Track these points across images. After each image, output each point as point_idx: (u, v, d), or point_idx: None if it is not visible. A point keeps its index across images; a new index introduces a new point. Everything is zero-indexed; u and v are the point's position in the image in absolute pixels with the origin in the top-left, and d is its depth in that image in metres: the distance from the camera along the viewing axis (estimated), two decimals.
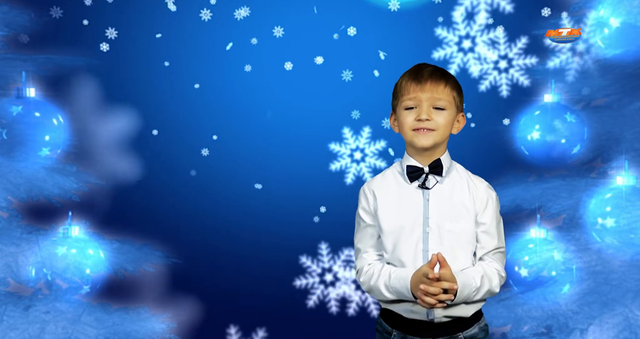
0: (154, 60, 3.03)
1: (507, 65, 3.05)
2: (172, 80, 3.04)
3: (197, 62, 3.03)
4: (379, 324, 1.96)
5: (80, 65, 2.99)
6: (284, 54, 3.03)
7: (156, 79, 3.03)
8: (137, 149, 3.05)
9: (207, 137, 3.05)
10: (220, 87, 3.04)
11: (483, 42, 3.04)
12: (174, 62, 3.04)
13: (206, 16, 3.01)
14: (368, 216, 1.91)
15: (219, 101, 3.05)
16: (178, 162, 3.07)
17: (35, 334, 2.97)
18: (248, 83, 3.05)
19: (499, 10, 3.03)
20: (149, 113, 3.04)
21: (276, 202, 3.07)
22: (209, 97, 3.05)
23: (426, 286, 1.70)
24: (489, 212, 1.88)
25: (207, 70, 3.04)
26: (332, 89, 3.04)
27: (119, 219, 3.06)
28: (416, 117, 1.82)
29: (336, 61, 3.04)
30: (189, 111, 3.05)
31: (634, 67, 3.04)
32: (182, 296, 3.09)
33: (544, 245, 3.10)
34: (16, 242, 2.99)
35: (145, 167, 3.06)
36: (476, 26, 3.03)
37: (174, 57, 3.03)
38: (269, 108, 3.05)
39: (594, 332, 3.06)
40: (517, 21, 3.03)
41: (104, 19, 2.99)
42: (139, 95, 3.03)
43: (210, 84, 3.04)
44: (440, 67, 1.90)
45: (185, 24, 3.01)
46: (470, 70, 3.05)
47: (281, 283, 3.09)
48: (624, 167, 3.07)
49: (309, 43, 3.03)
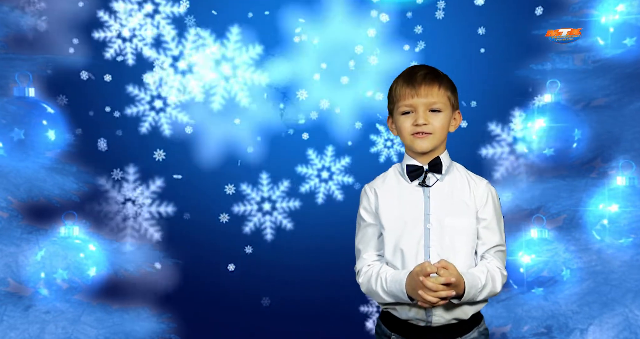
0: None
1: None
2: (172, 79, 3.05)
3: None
4: (378, 327, 1.96)
5: (80, 65, 2.99)
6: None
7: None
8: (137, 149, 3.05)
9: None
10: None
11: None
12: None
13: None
14: (369, 215, 1.92)
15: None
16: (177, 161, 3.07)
17: (35, 334, 2.97)
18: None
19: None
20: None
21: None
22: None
23: (424, 279, 1.69)
24: (489, 208, 1.88)
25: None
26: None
27: (119, 219, 3.06)
28: (413, 122, 1.84)
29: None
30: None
31: (634, 67, 3.04)
32: (182, 296, 3.09)
33: (544, 245, 3.10)
34: (16, 242, 2.99)
35: (145, 168, 3.06)
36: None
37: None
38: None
39: (594, 332, 3.05)
40: (517, 21, 3.04)
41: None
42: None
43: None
44: (432, 68, 1.90)
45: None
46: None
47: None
48: (624, 167, 3.07)
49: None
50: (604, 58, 3.06)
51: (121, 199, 3.06)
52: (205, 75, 3.03)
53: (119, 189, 3.05)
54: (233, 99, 3.05)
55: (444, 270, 1.70)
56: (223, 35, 3.03)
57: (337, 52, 3.06)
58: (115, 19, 2.99)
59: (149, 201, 3.05)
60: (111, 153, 3.04)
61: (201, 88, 3.04)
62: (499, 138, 3.09)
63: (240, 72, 3.05)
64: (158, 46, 3.01)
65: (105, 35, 2.99)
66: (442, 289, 1.70)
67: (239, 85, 3.05)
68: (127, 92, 3.02)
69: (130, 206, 3.06)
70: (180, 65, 3.03)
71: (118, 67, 3.01)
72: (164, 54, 3.01)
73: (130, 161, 3.05)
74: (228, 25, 3.02)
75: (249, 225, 3.09)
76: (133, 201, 3.05)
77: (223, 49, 3.03)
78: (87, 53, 3.00)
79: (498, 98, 3.07)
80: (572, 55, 3.08)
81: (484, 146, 3.08)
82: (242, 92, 3.04)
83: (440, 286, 1.70)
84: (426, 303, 1.72)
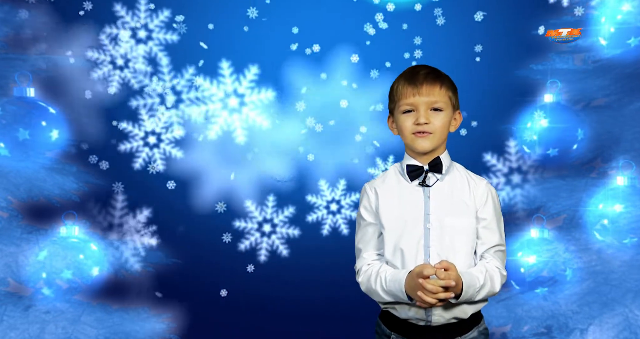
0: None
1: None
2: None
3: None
4: (378, 326, 1.96)
5: (80, 65, 2.99)
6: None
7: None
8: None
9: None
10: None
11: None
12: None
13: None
14: (369, 215, 1.92)
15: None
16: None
17: (35, 334, 2.97)
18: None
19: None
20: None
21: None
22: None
23: (424, 281, 1.70)
24: (489, 208, 1.88)
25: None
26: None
27: (118, 219, 3.06)
28: (415, 121, 1.84)
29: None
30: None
31: (634, 67, 3.04)
32: (182, 296, 3.09)
33: (544, 245, 3.10)
34: (16, 242, 2.99)
35: (145, 167, 3.06)
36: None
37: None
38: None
39: (594, 332, 3.06)
40: (517, 21, 3.04)
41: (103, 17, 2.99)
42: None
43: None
44: (434, 68, 1.90)
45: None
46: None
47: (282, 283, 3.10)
48: (624, 167, 3.07)
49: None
50: (604, 58, 3.06)
51: (121, 199, 3.05)
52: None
53: (119, 189, 3.05)
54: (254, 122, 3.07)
55: (444, 272, 1.71)
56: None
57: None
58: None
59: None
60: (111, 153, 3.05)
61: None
62: (494, 168, 3.08)
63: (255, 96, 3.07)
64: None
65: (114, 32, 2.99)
66: (441, 291, 1.70)
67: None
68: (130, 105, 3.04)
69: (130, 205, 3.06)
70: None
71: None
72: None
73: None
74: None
75: (246, 242, 3.10)
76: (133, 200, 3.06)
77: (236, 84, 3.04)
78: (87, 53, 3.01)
79: (498, 98, 3.07)
80: (572, 55, 3.08)
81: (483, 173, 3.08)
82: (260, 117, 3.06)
83: (440, 288, 1.70)
84: (425, 303, 1.73)
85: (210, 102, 3.04)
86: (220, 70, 3.03)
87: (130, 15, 2.98)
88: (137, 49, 3.00)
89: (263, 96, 3.05)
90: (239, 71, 3.03)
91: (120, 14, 2.98)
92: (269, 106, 3.06)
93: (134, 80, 3.01)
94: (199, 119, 3.03)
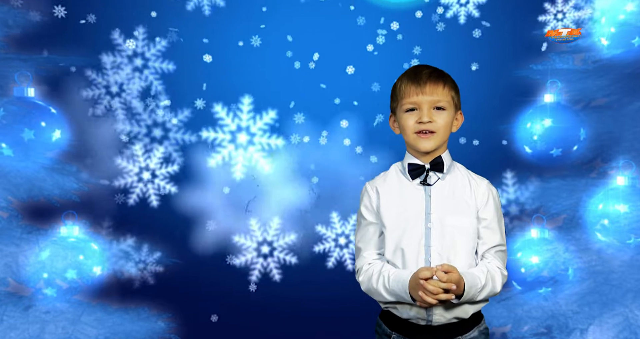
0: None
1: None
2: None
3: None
4: (378, 326, 1.96)
5: (80, 65, 2.99)
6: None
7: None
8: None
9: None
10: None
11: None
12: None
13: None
14: (370, 214, 1.92)
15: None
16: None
17: (35, 334, 2.97)
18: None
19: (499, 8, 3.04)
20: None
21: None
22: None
23: (425, 282, 1.70)
24: (490, 208, 1.89)
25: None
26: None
27: (118, 219, 3.06)
28: (417, 119, 1.84)
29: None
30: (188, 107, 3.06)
31: (634, 67, 3.04)
32: (182, 296, 3.09)
33: (544, 245, 3.10)
34: (16, 242, 2.99)
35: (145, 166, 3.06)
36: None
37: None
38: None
39: (594, 332, 3.06)
40: (517, 21, 3.04)
41: (106, 19, 2.99)
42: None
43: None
44: (436, 68, 1.90)
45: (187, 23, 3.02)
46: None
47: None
48: (624, 167, 3.07)
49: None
50: (604, 58, 3.07)
51: (122, 199, 3.05)
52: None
53: (119, 188, 3.05)
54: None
55: (445, 275, 1.71)
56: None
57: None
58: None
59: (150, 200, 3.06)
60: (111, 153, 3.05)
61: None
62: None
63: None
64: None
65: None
66: (442, 292, 1.71)
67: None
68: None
69: (130, 205, 3.06)
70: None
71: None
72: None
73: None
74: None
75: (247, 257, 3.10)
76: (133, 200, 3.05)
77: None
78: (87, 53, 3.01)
79: (498, 98, 3.07)
80: (572, 55, 3.08)
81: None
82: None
83: (441, 289, 1.70)
84: (425, 304, 1.73)
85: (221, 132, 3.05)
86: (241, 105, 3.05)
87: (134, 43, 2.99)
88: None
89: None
90: (256, 111, 3.05)
91: (118, 41, 2.98)
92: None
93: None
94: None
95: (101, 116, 3.01)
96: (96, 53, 2.98)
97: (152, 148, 3.04)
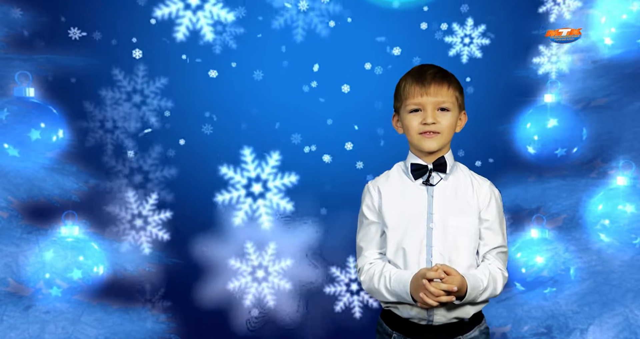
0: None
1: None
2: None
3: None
4: (379, 325, 1.96)
5: (80, 65, 2.99)
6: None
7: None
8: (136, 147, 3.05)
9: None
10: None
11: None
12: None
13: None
14: (372, 213, 1.92)
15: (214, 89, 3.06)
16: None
17: (35, 334, 2.97)
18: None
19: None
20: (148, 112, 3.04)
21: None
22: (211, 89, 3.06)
23: (426, 283, 1.70)
24: (492, 209, 1.89)
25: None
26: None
27: (119, 219, 3.06)
28: (422, 120, 1.83)
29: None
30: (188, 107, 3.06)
31: (634, 67, 3.04)
32: (182, 296, 3.09)
33: (544, 245, 3.10)
34: (16, 242, 2.99)
35: (145, 166, 3.06)
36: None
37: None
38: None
39: (594, 332, 3.06)
40: (517, 21, 3.04)
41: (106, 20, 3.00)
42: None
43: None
44: (441, 68, 1.90)
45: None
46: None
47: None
48: (624, 167, 3.07)
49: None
50: (604, 58, 3.07)
51: (122, 199, 3.05)
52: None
53: (119, 188, 3.05)
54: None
55: (449, 277, 1.71)
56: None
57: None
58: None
59: (150, 201, 3.06)
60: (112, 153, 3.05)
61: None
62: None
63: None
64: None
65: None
66: (443, 294, 1.71)
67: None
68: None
69: (130, 205, 3.06)
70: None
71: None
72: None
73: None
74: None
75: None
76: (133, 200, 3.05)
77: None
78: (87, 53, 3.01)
79: (498, 98, 3.07)
80: (572, 55, 3.08)
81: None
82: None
83: (442, 291, 1.70)
84: (425, 305, 1.73)
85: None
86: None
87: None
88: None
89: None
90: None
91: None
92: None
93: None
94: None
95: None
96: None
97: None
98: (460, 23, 3.04)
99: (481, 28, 3.04)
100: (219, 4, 3.00)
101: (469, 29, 3.04)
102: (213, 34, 3.01)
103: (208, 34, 3.00)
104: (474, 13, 3.04)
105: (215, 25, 3.01)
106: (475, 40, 3.04)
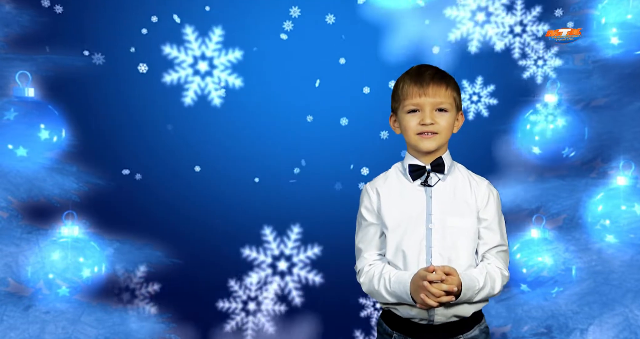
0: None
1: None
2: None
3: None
4: (379, 325, 1.96)
5: (80, 65, 2.99)
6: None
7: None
8: (136, 148, 3.05)
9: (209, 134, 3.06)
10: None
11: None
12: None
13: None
14: (370, 215, 1.91)
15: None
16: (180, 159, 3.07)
17: (35, 334, 2.97)
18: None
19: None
20: (147, 112, 3.04)
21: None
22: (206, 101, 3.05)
23: (427, 285, 1.70)
24: (491, 209, 1.88)
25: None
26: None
27: (119, 219, 3.06)
28: (420, 121, 1.83)
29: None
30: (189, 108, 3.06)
31: (634, 67, 3.04)
32: (182, 295, 3.09)
33: (544, 245, 3.10)
34: (16, 242, 2.99)
35: (146, 167, 3.06)
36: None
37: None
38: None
39: (594, 332, 3.06)
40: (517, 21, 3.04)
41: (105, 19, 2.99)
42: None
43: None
44: (439, 68, 1.90)
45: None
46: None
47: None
48: (624, 167, 3.07)
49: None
50: (604, 58, 3.07)
51: (122, 199, 3.06)
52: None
53: (119, 188, 3.05)
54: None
55: (449, 278, 1.71)
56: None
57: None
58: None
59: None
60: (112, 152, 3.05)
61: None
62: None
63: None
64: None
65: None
66: (444, 294, 1.71)
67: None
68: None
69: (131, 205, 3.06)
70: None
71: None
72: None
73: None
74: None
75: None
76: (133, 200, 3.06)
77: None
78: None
79: (498, 98, 3.07)
80: (572, 55, 3.08)
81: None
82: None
83: (442, 292, 1.70)
84: (426, 306, 1.73)
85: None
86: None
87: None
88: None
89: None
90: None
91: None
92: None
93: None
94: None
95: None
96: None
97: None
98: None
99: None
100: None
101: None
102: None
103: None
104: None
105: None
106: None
